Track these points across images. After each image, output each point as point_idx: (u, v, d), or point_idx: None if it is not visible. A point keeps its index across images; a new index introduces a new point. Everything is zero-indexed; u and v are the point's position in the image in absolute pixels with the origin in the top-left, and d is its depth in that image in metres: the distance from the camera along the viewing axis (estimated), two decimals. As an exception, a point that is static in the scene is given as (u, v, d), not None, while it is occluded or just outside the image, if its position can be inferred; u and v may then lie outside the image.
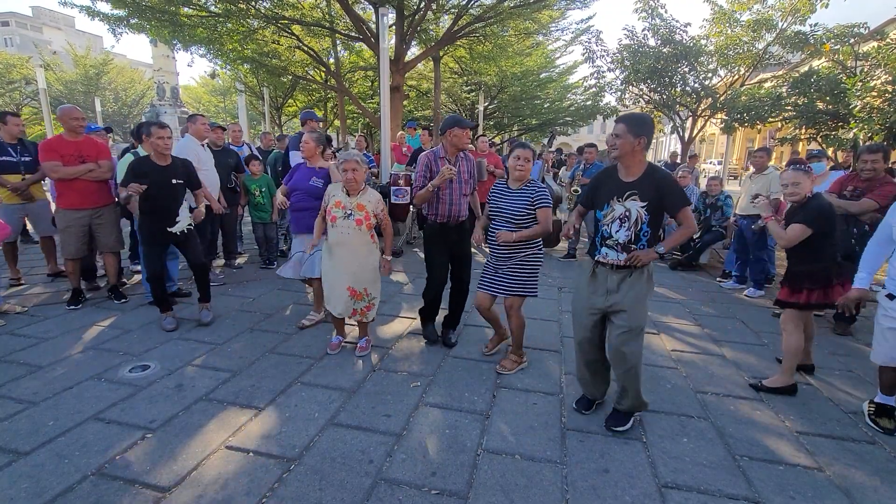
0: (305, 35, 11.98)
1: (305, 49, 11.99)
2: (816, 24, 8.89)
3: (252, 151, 6.00)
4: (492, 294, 3.05)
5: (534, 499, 1.97)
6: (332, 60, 14.32)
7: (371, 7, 10.58)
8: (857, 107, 6.03)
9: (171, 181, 3.55)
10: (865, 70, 7.08)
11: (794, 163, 2.99)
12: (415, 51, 13.13)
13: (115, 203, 4.26)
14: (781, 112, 9.00)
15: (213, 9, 9.55)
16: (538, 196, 2.83)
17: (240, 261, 5.79)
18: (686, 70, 10.69)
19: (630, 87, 11.38)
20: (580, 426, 2.50)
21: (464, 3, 10.65)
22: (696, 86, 10.86)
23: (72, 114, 3.96)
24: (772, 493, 2.04)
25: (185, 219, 3.68)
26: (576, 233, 6.61)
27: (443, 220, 3.28)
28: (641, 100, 11.74)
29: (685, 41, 10.30)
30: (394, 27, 10.24)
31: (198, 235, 3.89)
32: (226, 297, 4.45)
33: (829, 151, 7.74)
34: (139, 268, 4.69)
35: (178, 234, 3.63)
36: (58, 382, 2.82)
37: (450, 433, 2.41)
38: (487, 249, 3.12)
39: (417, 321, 3.73)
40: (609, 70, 11.47)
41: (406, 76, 12.11)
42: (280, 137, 8.02)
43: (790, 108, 8.78)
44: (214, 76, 17.20)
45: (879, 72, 6.60)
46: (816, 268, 2.78)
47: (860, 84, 6.16)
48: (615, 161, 2.35)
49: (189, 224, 3.70)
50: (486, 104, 17.08)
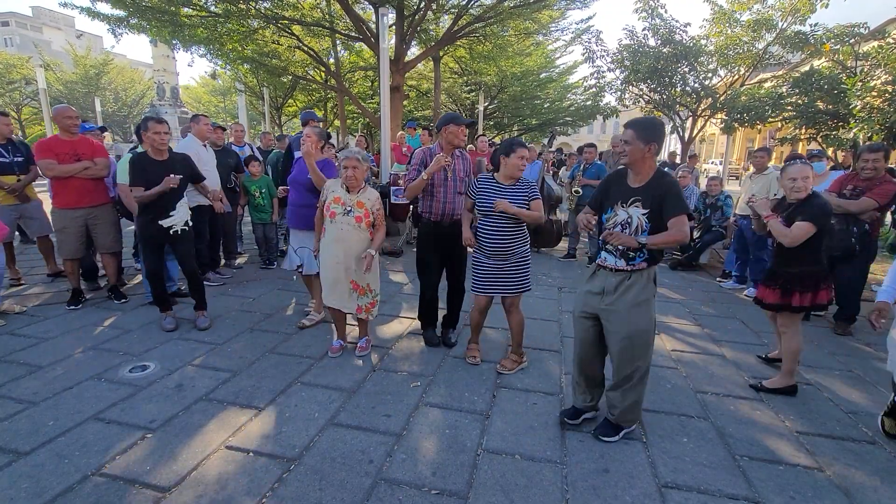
0: (305, 35, 11.98)
1: (305, 49, 12.00)
2: (816, 24, 8.87)
3: (253, 152, 6.00)
4: (491, 296, 3.06)
5: (534, 499, 1.97)
6: (332, 60, 14.32)
7: (371, 7, 10.59)
8: (857, 107, 6.02)
9: (168, 176, 3.52)
10: (865, 70, 7.07)
11: (794, 157, 2.98)
12: (415, 51, 13.14)
13: (112, 203, 4.26)
14: (781, 112, 8.99)
15: (214, 9, 9.56)
16: (532, 190, 2.97)
17: (240, 261, 5.79)
18: (686, 70, 10.66)
19: (630, 87, 11.35)
20: (580, 426, 2.50)
21: (464, 3, 10.65)
22: (696, 86, 10.84)
23: (66, 113, 3.95)
24: (772, 493, 2.04)
25: (181, 216, 3.59)
26: (575, 232, 6.68)
27: (437, 219, 3.28)
28: (641, 100, 11.71)
29: (685, 41, 10.28)
30: (394, 27, 10.24)
31: (195, 240, 3.82)
32: (226, 297, 4.45)
33: (829, 151, 7.73)
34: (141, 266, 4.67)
35: (172, 234, 3.55)
36: (58, 382, 2.82)
37: (450, 433, 2.41)
38: (471, 250, 3.09)
39: (417, 321, 3.73)
40: (609, 70, 11.45)
41: (406, 76, 12.11)
42: (280, 137, 8.01)
43: (790, 108, 8.77)
44: (215, 76, 17.19)
45: (879, 72, 6.59)
46: (815, 269, 2.77)
47: (860, 84, 6.15)
48: (619, 165, 2.32)
49: (185, 225, 3.61)
50: (486, 104, 17.09)
